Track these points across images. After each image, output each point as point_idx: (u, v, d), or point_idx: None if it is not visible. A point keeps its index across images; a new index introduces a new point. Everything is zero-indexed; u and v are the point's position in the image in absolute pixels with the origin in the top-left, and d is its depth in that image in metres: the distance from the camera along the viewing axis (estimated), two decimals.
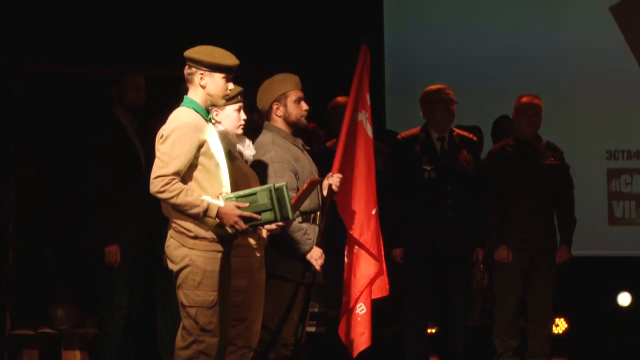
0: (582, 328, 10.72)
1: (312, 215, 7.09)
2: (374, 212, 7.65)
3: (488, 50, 10.91)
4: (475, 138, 9.12)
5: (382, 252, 7.74)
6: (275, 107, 7.14)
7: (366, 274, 7.64)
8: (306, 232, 6.97)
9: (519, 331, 9.16)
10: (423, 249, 8.56)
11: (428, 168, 8.58)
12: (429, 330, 9.08)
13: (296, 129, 7.19)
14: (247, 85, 6.75)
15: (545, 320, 9.10)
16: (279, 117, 7.14)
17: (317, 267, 6.97)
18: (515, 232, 8.82)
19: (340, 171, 7.33)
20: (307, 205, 7.01)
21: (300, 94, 7.17)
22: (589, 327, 10.71)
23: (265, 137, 7.10)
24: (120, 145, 8.21)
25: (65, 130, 9.20)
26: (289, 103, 7.13)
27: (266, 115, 7.19)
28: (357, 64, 7.67)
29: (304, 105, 7.18)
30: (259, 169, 6.94)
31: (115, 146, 8.19)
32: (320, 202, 7.18)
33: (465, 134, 8.90)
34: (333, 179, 7.20)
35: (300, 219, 6.94)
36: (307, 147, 7.24)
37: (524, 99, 9.06)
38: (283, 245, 6.95)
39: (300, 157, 7.12)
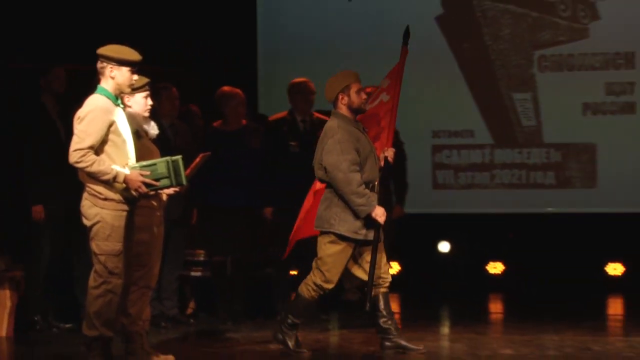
0: (411, 269, 10.84)
1: (370, 185, 6.95)
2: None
3: (341, 48, 10.91)
4: None
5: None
6: (340, 97, 6.99)
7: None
8: (370, 196, 6.84)
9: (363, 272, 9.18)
10: (289, 207, 8.52)
11: (293, 144, 8.60)
12: (292, 272, 9.05)
13: (357, 114, 7.04)
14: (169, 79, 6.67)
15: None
16: (344, 105, 6.99)
17: (381, 222, 6.84)
18: None
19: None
20: (367, 176, 6.91)
21: (360, 85, 7.05)
22: (417, 269, 10.84)
23: (332, 122, 6.99)
24: (45, 125, 8.05)
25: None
26: (352, 93, 6.98)
27: (333, 104, 7.05)
28: (400, 61, 7.50)
29: (363, 95, 7.06)
30: (325, 148, 6.88)
31: (41, 126, 8.04)
32: (377, 172, 7.07)
33: (323, 117, 8.88)
34: (388, 152, 7.11)
35: (364, 185, 6.83)
36: (366, 129, 7.11)
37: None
38: (353, 209, 6.84)
39: (361, 137, 6.97)
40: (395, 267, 10.68)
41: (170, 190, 6.39)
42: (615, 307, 10.20)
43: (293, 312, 7.00)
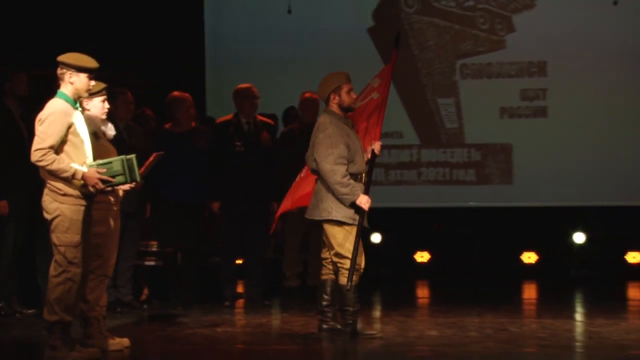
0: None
1: (359, 176, 6.93)
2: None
3: (282, 55, 10.92)
4: (272, 122, 9.17)
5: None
6: (332, 96, 6.94)
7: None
8: (354, 186, 6.79)
9: (302, 261, 9.20)
10: (235, 202, 8.53)
11: (238, 144, 8.57)
12: (237, 261, 9.03)
13: (347, 112, 6.99)
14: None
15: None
16: (335, 104, 6.94)
17: (366, 209, 6.81)
18: None
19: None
20: (356, 168, 6.89)
21: (350, 86, 6.99)
22: None
23: (324, 118, 6.92)
24: (9, 126, 7.95)
25: None
26: (343, 93, 6.93)
27: (325, 102, 7.00)
28: (391, 62, 7.45)
29: (353, 95, 6.99)
30: (317, 141, 6.86)
31: (5, 127, 7.93)
32: (366, 164, 7.01)
33: (266, 119, 8.92)
34: (375, 146, 7.03)
35: (348, 176, 6.79)
36: (354, 126, 7.06)
37: (306, 95, 9.12)
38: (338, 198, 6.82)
39: (350, 133, 6.92)
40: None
41: (126, 187, 6.34)
42: (530, 292, 10.31)
43: (347, 304, 6.90)
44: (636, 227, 10.44)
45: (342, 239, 6.84)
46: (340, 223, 6.83)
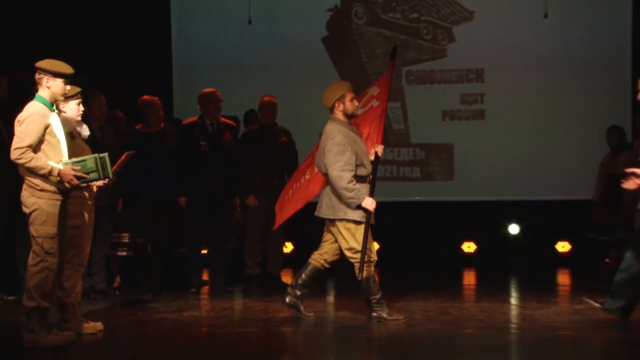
0: (302, 248, 10.81)
1: (367, 178, 6.88)
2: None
3: (243, 62, 10.91)
4: (234, 124, 9.16)
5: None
6: (337, 104, 6.88)
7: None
8: (359, 190, 6.74)
9: (262, 251, 9.19)
10: (200, 197, 8.51)
11: (203, 144, 8.56)
12: (202, 251, 9.02)
13: (351, 119, 6.93)
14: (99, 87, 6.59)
15: (280, 244, 9.18)
16: (340, 111, 6.88)
17: (371, 210, 6.77)
18: (260, 186, 8.84)
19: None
20: (365, 172, 6.84)
21: (353, 94, 6.94)
22: (307, 248, 10.79)
23: (331, 126, 6.85)
24: None
25: None
26: (347, 101, 6.87)
27: (330, 110, 6.93)
28: (388, 72, 7.40)
29: (356, 102, 6.94)
30: (326, 148, 6.78)
31: None
32: (371, 165, 6.96)
33: (228, 121, 8.92)
34: (378, 148, 6.98)
35: (354, 182, 6.74)
36: (358, 131, 7.01)
37: (265, 99, 9.10)
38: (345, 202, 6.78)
39: (356, 139, 6.88)
40: (289, 247, 10.69)
41: (100, 183, 6.36)
42: (469, 278, 10.37)
43: (370, 293, 6.92)
44: (565, 219, 10.57)
45: (357, 236, 6.84)
46: (356, 222, 6.84)
